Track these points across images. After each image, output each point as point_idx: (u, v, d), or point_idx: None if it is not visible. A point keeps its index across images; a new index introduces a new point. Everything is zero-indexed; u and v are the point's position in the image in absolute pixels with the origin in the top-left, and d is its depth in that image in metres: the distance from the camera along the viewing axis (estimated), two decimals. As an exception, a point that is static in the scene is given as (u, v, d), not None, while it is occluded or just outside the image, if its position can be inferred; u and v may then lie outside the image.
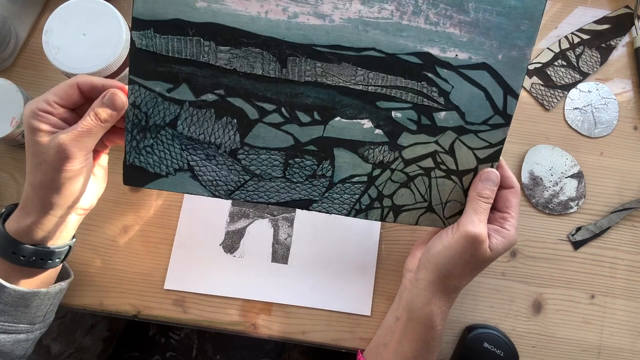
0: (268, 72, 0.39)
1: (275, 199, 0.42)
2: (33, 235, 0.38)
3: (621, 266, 0.53)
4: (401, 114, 0.41)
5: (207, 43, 0.38)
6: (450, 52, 0.39)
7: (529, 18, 0.39)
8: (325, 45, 0.38)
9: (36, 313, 0.41)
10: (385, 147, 0.41)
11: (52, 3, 0.57)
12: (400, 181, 0.42)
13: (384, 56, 0.39)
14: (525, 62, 0.40)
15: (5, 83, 0.47)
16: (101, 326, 0.69)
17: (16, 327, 0.40)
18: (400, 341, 0.43)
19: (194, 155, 0.41)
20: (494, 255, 0.40)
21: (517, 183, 0.43)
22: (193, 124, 0.40)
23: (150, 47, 0.38)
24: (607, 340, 0.51)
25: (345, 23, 0.38)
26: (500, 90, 0.40)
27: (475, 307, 0.51)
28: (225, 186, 0.41)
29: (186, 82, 0.39)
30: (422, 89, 0.40)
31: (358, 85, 0.40)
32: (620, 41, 0.59)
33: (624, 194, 0.55)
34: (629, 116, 0.57)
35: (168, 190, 0.41)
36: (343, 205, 0.42)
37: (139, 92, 0.39)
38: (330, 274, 0.51)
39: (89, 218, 0.51)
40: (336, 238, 0.52)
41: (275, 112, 0.40)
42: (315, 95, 0.40)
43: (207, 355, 0.67)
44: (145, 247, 0.51)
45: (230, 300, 0.50)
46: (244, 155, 0.41)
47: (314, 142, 0.41)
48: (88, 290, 0.50)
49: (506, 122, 0.41)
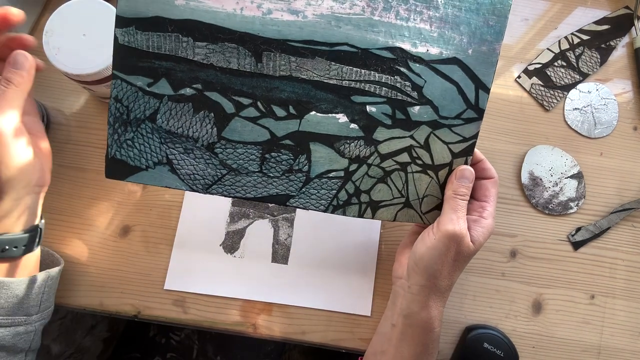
0: (244, 67, 0.40)
1: (252, 193, 0.42)
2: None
3: (621, 266, 0.53)
4: (376, 109, 0.41)
5: (185, 39, 0.39)
6: (421, 47, 0.40)
7: (497, 14, 0.40)
8: (299, 41, 0.39)
9: (29, 303, 0.41)
10: (361, 141, 0.42)
11: (52, 3, 0.57)
12: (377, 176, 0.43)
13: (357, 51, 0.40)
14: (494, 57, 0.41)
15: (5, 83, 0.47)
16: (101, 327, 0.69)
17: (12, 319, 0.40)
18: (398, 347, 0.43)
19: (173, 148, 0.41)
20: (477, 247, 0.41)
21: (496, 174, 0.43)
22: (172, 117, 0.41)
23: (132, 44, 0.39)
24: (607, 341, 0.51)
25: (318, 19, 0.39)
26: (472, 85, 0.41)
27: (475, 308, 0.51)
28: (202, 180, 0.42)
29: (165, 77, 0.40)
30: (396, 84, 0.41)
31: (332, 79, 0.40)
32: (620, 42, 0.59)
33: (623, 194, 0.55)
34: (629, 117, 0.57)
35: (147, 183, 0.42)
36: (320, 200, 0.43)
37: (121, 87, 0.40)
38: (330, 274, 0.51)
39: (89, 218, 0.51)
40: (336, 238, 0.52)
41: (251, 106, 0.41)
42: (291, 89, 0.40)
43: (208, 355, 0.67)
44: (145, 247, 0.51)
45: (230, 300, 0.50)
46: (221, 149, 0.41)
47: (290, 136, 0.41)
48: (88, 290, 0.50)
49: (479, 116, 0.42)
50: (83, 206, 0.51)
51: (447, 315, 0.51)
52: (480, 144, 0.56)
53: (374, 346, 0.46)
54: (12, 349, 0.41)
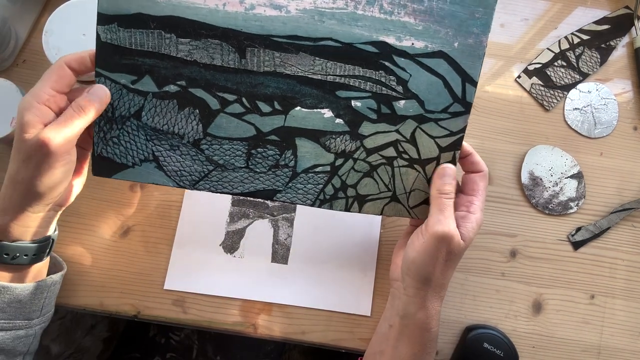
0: (227, 63, 0.40)
1: (239, 189, 0.43)
2: (12, 232, 0.38)
3: (621, 266, 0.53)
4: (361, 103, 0.41)
5: (168, 35, 0.39)
6: (406, 40, 0.40)
7: (483, 5, 0.39)
8: (283, 36, 0.39)
9: (31, 308, 0.41)
10: (347, 136, 0.42)
11: (52, 3, 0.57)
12: (363, 171, 0.43)
13: (341, 46, 0.40)
14: (481, 50, 0.40)
15: (5, 83, 0.47)
16: (101, 327, 0.69)
17: (13, 323, 0.40)
18: (395, 347, 0.43)
19: (159, 145, 0.42)
20: (467, 243, 0.41)
21: (485, 167, 0.43)
22: (157, 114, 0.41)
23: (115, 41, 0.39)
24: (607, 341, 0.51)
25: (301, 14, 0.39)
26: (459, 78, 0.41)
27: (475, 308, 0.51)
28: (189, 176, 0.42)
29: (149, 74, 0.40)
30: (380, 78, 0.41)
31: (317, 74, 0.40)
32: (620, 42, 0.59)
33: (623, 194, 0.55)
34: (629, 116, 0.57)
35: (134, 180, 0.42)
36: (307, 195, 0.43)
37: (105, 85, 0.40)
38: (330, 274, 0.51)
39: (89, 218, 0.51)
40: (336, 238, 0.52)
41: (236, 102, 0.41)
42: (275, 85, 0.40)
43: (208, 355, 0.67)
44: (145, 247, 0.51)
45: (230, 300, 0.50)
46: (207, 145, 0.42)
47: (276, 131, 0.42)
48: (88, 290, 0.50)
49: (466, 109, 0.41)
50: (83, 206, 0.51)
51: (447, 315, 0.51)
52: (480, 143, 0.56)
53: (372, 347, 0.46)
54: (11, 352, 0.41)
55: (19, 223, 0.38)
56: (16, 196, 0.37)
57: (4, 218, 0.38)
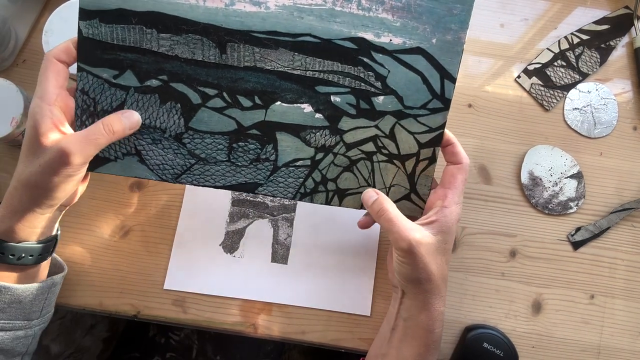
0: (208, 58, 0.41)
1: (221, 182, 0.43)
2: (19, 233, 0.38)
3: (620, 266, 0.53)
4: (340, 99, 0.42)
5: (149, 31, 0.40)
6: (384, 37, 0.40)
7: (461, 2, 0.40)
8: (262, 32, 0.40)
9: (31, 308, 0.41)
10: (326, 131, 0.42)
11: (52, 3, 0.57)
12: (343, 165, 0.43)
13: (320, 42, 0.40)
14: (460, 46, 0.41)
15: (5, 83, 0.47)
16: (101, 326, 0.69)
17: (13, 324, 0.40)
18: (399, 348, 0.42)
19: (141, 139, 0.42)
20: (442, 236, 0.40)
21: (466, 159, 0.43)
22: (139, 109, 0.41)
23: (97, 36, 0.40)
24: (607, 341, 0.51)
25: (280, 10, 0.40)
26: (437, 74, 0.41)
27: (474, 307, 0.51)
28: (172, 170, 0.43)
29: (131, 69, 0.41)
30: (359, 74, 0.41)
31: (296, 70, 0.41)
32: (619, 41, 0.59)
33: (623, 194, 0.55)
34: (629, 116, 0.57)
35: (117, 174, 0.42)
36: (288, 188, 0.43)
37: (87, 79, 0.41)
38: (330, 274, 0.51)
39: (89, 218, 0.51)
40: (336, 238, 0.52)
41: (217, 97, 0.41)
42: (255, 80, 0.41)
43: (207, 355, 0.67)
44: (145, 247, 0.51)
45: (230, 300, 0.50)
46: (188, 139, 0.42)
47: (257, 126, 0.42)
48: (88, 290, 0.50)
49: (445, 106, 0.42)
50: (83, 206, 0.51)
51: (447, 315, 0.51)
52: (480, 143, 0.56)
53: (374, 349, 0.46)
54: (10, 353, 0.41)
55: (26, 224, 0.38)
56: (26, 198, 0.38)
57: (12, 219, 0.38)
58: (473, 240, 0.53)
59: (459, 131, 0.55)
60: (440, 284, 0.41)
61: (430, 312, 0.41)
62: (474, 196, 0.54)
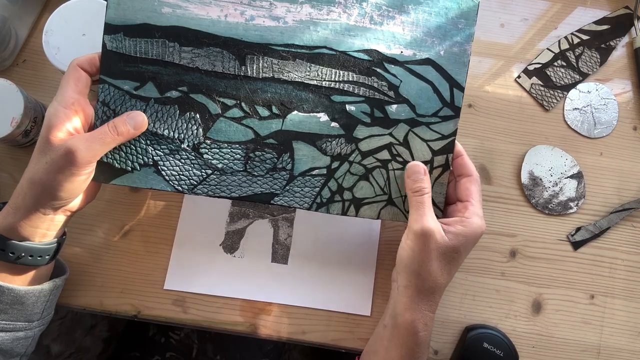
0: (228, 70, 0.42)
1: (237, 193, 0.43)
2: (20, 231, 0.39)
3: (620, 266, 0.53)
4: (355, 107, 0.43)
5: (172, 44, 0.41)
6: (395, 49, 0.43)
7: (465, 17, 0.43)
8: (280, 44, 0.42)
9: (33, 310, 0.41)
10: (342, 139, 0.43)
11: (52, 3, 0.57)
12: (358, 174, 0.44)
13: (335, 53, 0.42)
14: (466, 57, 0.43)
15: (5, 83, 0.47)
16: (101, 326, 0.69)
17: (14, 325, 0.40)
18: (387, 348, 0.43)
19: (158, 150, 0.42)
20: (457, 243, 0.40)
21: (475, 172, 0.44)
22: (158, 119, 0.42)
23: (120, 49, 0.41)
24: (607, 341, 0.51)
25: (298, 24, 0.42)
26: (446, 84, 0.43)
27: (475, 308, 0.51)
28: (188, 180, 0.43)
29: (152, 81, 0.42)
30: (373, 84, 0.43)
31: (312, 80, 0.42)
32: (619, 42, 0.59)
33: (623, 194, 0.55)
34: (629, 117, 0.57)
35: (133, 185, 0.43)
36: (304, 198, 0.44)
37: (109, 91, 0.42)
38: (330, 274, 0.51)
39: (89, 218, 0.51)
40: (336, 238, 0.52)
41: (235, 107, 0.42)
42: (273, 90, 0.42)
43: (207, 355, 0.67)
44: (145, 247, 0.51)
45: (230, 300, 0.50)
46: (206, 149, 0.43)
47: (274, 135, 0.43)
48: (88, 290, 0.50)
49: (455, 113, 0.43)
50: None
51: (447, 315, 0.51)
52: (480, 143, 0.56)
53: (369, 345, 0.46)
54: (9, 353, 0.41)
55: (28, 223, 0.39)
56: (30, 196, 0.38)
57: (15, 216, 0.38)
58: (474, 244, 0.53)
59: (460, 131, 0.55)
60: (434, 288, 0.41)
61: (415, 312, 0.41)
62: (474, 196, 0.54)
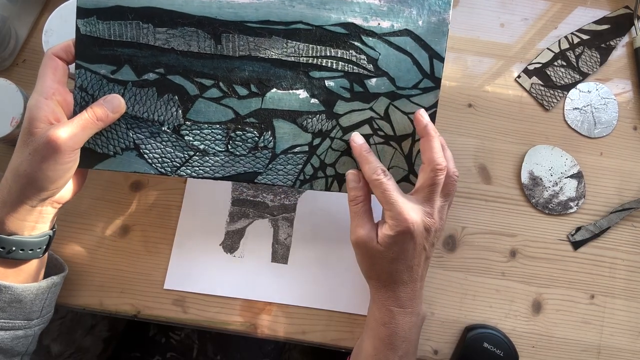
0: (204, 49, 0.41)
1: (220, 173, 0.43)
2: (8, 225, 0.38)
3: (621, 266, 0.53)
4: (334, 83, 0.43)
5: (146, 25, 0.41)
6: (372, 21, 0.42)
7: None
8: (255, 21, 0.41)
9: (31, 308, 0.41)
10: (322, 115, 0.43)
11: (52, 3, 0.57)
12: (340, 149, 0.44)
13: (312, 28, 0.42)
14: (445, 26, 0.42)
15: (5, 83, 0.47)
16: (101, 326, 0.69)
17: (13, 323, 0.40)
18: (363, 339, 0.44)
19: (139, 133, 0.42)
20: (384, 246, 0.39)
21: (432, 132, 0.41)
22: (137, 102, 0.42)
23: (94, 33, 0.41)
24: (607, 340, 0.51)
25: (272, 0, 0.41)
26: (426, 55, 0.42)
27: (475, 307, 0.51)
28: (170, 162, 0.43)
29: (128, 64, 0.41)
30: (351, 58, 0.42)
31: (290, 57, 0.42)
32: (619, 41, 0.59)
33: (623, 194, 0.55)
34: (629, 116, 0.57)
35: (116, 169, 0.43)
36: (287, 176, 0.44)
37: (85, 76, 0.41)
38: (330, 274, 0.51)
39: (89, 218, 0.51)
40: (336, 238, 0.52)
41: (213, 87, 0.42)
42: (251, 68, 0.42)
43: (208, 355, 0.67)
44: (145, 247, 0.51)
45: (230, 300, 0.50)
46: (187, 130, 0.43)
47: (254, 114, 0.43)
48: (88, 290, 0.50)
49: (436, 85, 0.43)
50: (83, 206, 0.51)
51: (447, 315, 0.51)
52: (480, 143, 0.56)
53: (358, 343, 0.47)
54: (9, 352, 0.41)
55: (16, 216, 0.38)
56: (16, 188, 0.38)
57: (2, 210, 0.38)
58: (473, 240, 0.53)
59: (460, 131, 0.55)
60: (393, 285, 0.41)
61: (377, 302, 0.42)
62: (474, 196, 0.54)
